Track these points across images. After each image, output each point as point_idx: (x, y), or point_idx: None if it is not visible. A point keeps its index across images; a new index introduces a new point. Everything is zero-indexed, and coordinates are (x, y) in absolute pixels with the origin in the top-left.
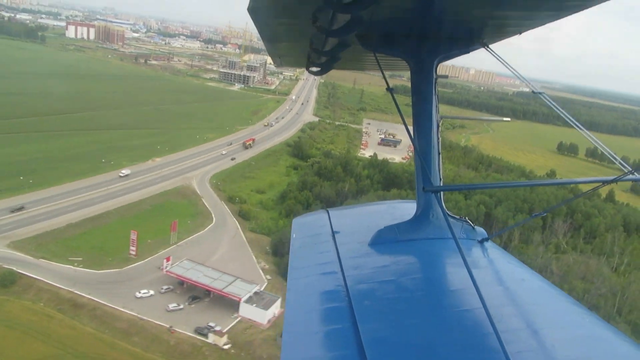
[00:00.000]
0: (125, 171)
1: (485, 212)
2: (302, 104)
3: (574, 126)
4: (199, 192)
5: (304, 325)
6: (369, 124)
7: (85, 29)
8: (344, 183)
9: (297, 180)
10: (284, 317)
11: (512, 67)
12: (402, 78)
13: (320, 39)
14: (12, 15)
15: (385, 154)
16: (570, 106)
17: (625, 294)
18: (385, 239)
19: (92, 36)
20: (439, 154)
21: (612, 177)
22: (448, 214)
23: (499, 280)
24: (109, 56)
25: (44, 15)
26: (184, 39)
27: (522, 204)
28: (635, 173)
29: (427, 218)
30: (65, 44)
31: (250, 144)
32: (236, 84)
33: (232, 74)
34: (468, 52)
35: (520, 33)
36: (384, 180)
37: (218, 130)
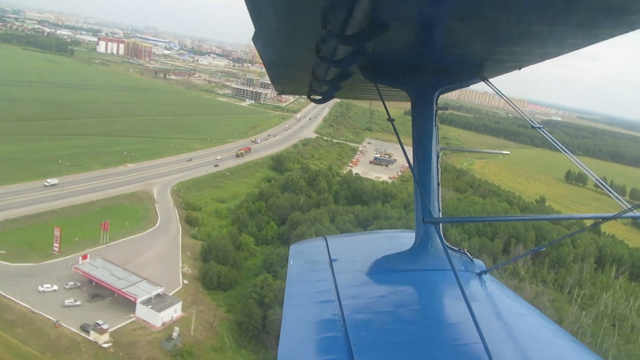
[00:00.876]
0: (58, 179)
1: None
2: (310, 119)
3: (572, 161)
4: (156, 197)
5: (299, 354)
6: (369, 143)
7: (115, 44)
8: (299, 196)
9: (257, 191)
10: (279, 346)
11: (510, 101)
12: None
13: (323, 68)
14: (53, 30)
15: (374, 172)
16: (600, 137)
17: (574, 327)
18: (384, 269)
19: (121, 51)
20: (438, 185)
21: (611, 214)
22: (447, 246)
23: (497, 315)
24: (130, 70)
25: (83, 32)
26: (213, 57)
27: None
28: (634, 210)
29: (425, 249)
30: (92, 58)
31: (242, 153)
32: (247, 100)
33: (245, 90)
34: (468, 86)
35: (520, 68)
36: (351, 196)
37: (206, 142)
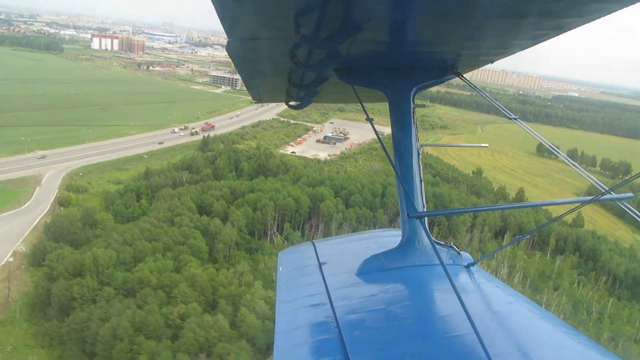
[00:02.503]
0: None
1: None
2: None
3: (547, 146)
4: (43, 181)
5: (294, 359)
6: (332, 123)
7: (109, 40)
8: (183, 172)
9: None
10: (274, 353)
11: (485, 94)
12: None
13: (298, 73)
14: (57, 31)
15: (315, 150)
16: (607, 110)
17: None
18: (373, 268)
19: (115, 47)
20: (420, 180)
21: (589, 197)
22: (434, 240)
23: (488, 305)
24: (114, 64)
25: (90, 31)
26: (215, 49)
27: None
28: (612, 192)
29: (412, 245)
30: (81, 55)
31: (196, 132)
32: (223, 87)
33: (223, 77)
34: (443, 82)
35: (492, 62)
36: (254, 172)
37: (149, 127)
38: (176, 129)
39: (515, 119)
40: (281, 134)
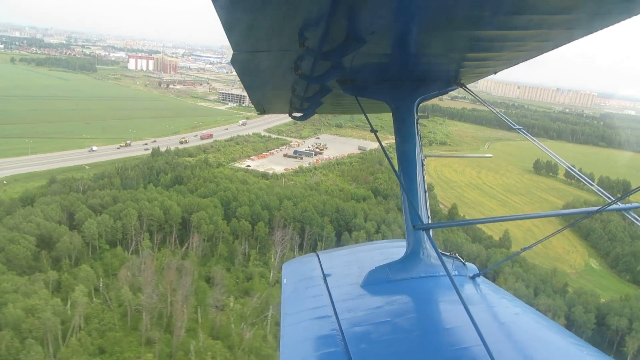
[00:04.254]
0: None
1: None
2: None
3: (554, 158)
4: None
5: None
6: (318, 138)
7: (144, 61)
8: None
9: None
10: None
11: (489, 105)
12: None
13: (302, 85)
14: (107, 53)
15: (277, 165)
16: None
17: None
18: (378, 280)
19: (151, 67)
20: (425, 191)
21: (596, 208)
22: (439, 251)
23: (495, 316)
24: (137, 83)
25: (140, 53)
26: None
27: None
28: (618, 203)
29: (418, 256)
30: (109, 75)
31: (185, 141)
32: (229, 104)
33: (230, 94)
34: (446, 93)
35: (495, 73)
36: (170, 182)
37: (115, 140)
38: (94, 148)
39: (519, 129)
40: (249, 148)
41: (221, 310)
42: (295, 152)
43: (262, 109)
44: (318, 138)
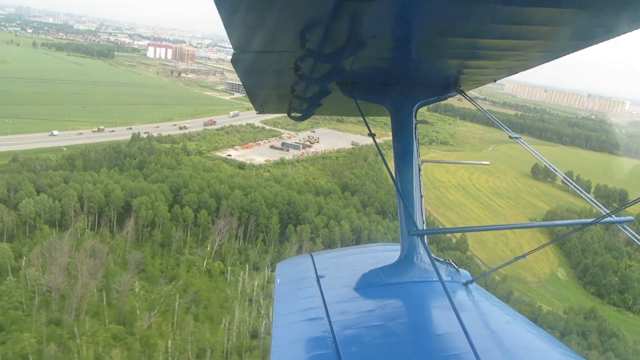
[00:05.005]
0: None
1: None
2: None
3: (550, 168)
4: None
5: None
6: (313, 132)
7: (163, 49)
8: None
9: None
10: None
11: (488, 113)
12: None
13: (302, 86)
14: (132, 41)
15: (260, 156)
16: None
17: None
18: (371, 283)
19: (169, 56)
20: (421, 197)
21: (590, 220)
22: (433, 257)
23: (486, 323)
24: (150, 70)
25: (164, 42)
26: None
27: None
28: (612, 215)
29: (412, 261)
30: (125, 61)
31: (185, 127)
32: (235, 94)
33: (237, 85)
34: (446, 99)
35: (495, 80)
36: (136, 167)
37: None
38: (55, 132)
39: (517, 138)
40: (237, 138)
41: (124, 296)
42: (283, 143)
43: (260, 108)
44: (313, 131)
